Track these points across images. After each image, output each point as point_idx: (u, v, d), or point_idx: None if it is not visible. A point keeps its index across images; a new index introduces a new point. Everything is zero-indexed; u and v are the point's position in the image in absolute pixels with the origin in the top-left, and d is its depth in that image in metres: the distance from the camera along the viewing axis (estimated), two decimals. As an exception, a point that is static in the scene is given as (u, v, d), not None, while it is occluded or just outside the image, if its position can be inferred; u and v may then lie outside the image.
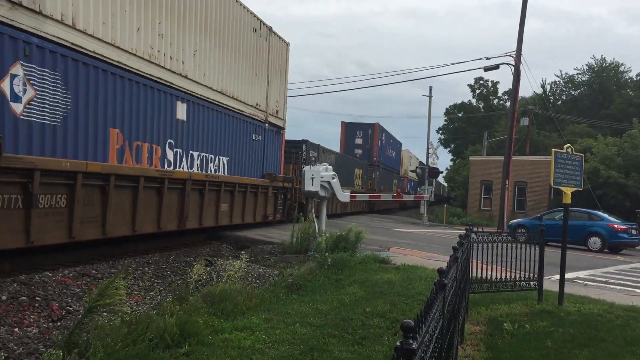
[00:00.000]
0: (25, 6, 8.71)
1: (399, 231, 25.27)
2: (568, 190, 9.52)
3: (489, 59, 28.96)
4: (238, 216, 16.63)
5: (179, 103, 13.26)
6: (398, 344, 2.00)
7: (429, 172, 36.52)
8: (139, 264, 11.06)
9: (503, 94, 75.51)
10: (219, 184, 15.15)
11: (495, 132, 60.51)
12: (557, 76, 70.64)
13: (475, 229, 8.73)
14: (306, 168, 13.94)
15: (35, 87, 8.98)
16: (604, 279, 13.65)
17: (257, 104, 17.94)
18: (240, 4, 16.35)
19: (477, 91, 78.10)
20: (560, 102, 66.53)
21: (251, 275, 10.58)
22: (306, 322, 7.33)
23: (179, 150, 13.39)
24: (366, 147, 38.09)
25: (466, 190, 46.16)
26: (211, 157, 14.96)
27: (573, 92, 66.09)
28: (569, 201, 9.61)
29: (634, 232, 22.65)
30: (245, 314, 7.64)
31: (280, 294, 8.96)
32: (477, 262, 8.53)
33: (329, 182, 13.76)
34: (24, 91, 8.81)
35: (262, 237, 16.07)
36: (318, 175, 13.59)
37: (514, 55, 27.85)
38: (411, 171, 54.24)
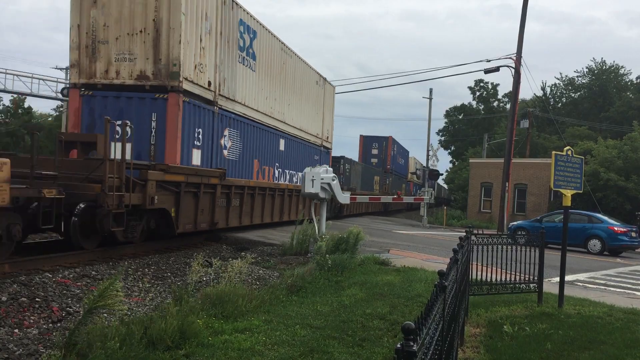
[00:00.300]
0: (230, 98, 16.12)
1: (399, 233, 25.27)
2: (568, 193, 9.53)
3: (489, 61, 29.07)
4: (307, 214, 23.55)
5: (281, 140, 20.74)
6: (399, 346, 2.00)
7: (428, 174, 36.55)
8: (138, 265, 11.06)
9: (503, 96, 75.60)
10: (299, 191, 21.21)
11: (495, 135, 60.56)
12: (557, 78, 70.95)
13: (475, 231, 8.73)
14: (306, 170, 13.86)
15: (231, 140, 16.40)
16: (603, 282, 13.66)
17: (316, 134, 25.13)
18: (311, 67, 23.55)
19: (477, 93, 78.13)
20: (560, 104, 66.61)
21: (251, 277, 10.58)
22: (306, 324, 7.34)
23: (280, 170, 20.79)
24: (381, 157, 44.17)
25: (466, 192, 46.19)
26: (294, 173, 22.17)
27: (573, 95, 66.18)
28: (569, 204, 9.62)
29: (633, 234, 22.64)
30: (245, 315, 7.64)
31: (280, 296, 8.96)
32: (477, 264, 8.54)
33: (329, 184, 13.72)
34: (227, 143, 16.21)
35: (262, 239, 16.07)
36: (318, 177, 13.54)
37: (514, 58, 27.88)
38: (411, 173, 54.76)
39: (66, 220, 10.62)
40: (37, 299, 7.72)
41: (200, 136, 14.52)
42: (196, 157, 14.40)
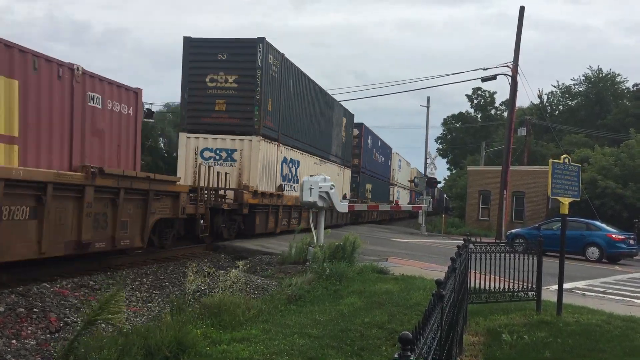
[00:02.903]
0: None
1: (398, 241, 25.25)
2: (565, 201, 9.54)
3: (486, 69, 29.05)
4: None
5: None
6: (396, 355, 2.01)
7: (427, 183, 36.61)
8: (137, 275, 11.04)
9: (501, 104, 75.76)
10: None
11: (493, 142, 60.66)
12: (554, 86, 70.54)
13: (473, 239, 8.74)
14: (304, 179, 13.84)
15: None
16: (602, 289, 13.65)
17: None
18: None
19: (475, 101, 78.29)
20: (557, 112, 66.74)
21: (250, 286, 10.56)
22: (304, 333, 7.32)
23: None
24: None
25: (464, 201, 46.19)
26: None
27: (570, 103, 66.30)
28: (566, 211, 9.63)
29: (631, 242, 22.65)
30: (243, 325, 7.62)
31: (278, 305, 8.94)
32: (475, 273, 8.53)
33: (327, 193, 13.69)
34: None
35: (261, 248, 16.04)
36: (316, 186, 13.51)
37: (511, 66, 27.98)
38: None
39: None
40: (34, 310, 7.70)
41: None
42: None
